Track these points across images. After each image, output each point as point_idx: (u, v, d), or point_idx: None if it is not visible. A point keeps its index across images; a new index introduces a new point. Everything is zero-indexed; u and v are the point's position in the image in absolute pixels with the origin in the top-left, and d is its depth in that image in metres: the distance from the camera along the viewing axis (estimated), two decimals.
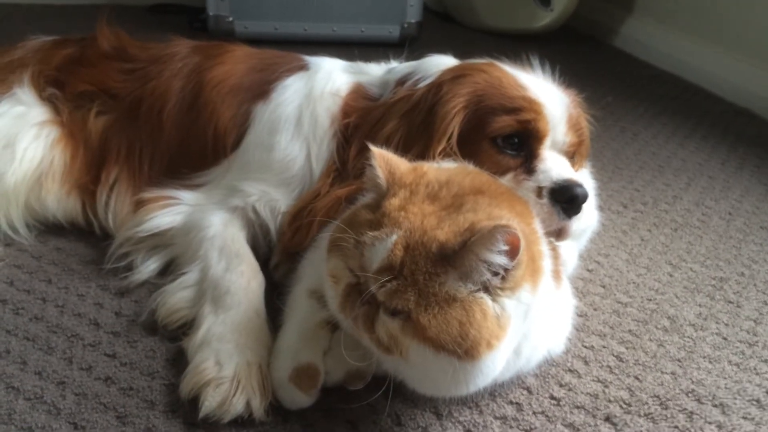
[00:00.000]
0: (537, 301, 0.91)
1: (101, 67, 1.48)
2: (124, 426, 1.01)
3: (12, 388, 1.06)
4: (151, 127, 1.42)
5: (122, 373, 1.10)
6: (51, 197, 1.41)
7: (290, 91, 1.38)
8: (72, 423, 1.01)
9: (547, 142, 1.19)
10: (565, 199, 1.12)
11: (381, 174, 0.92)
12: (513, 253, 0.82)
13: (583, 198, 1.12)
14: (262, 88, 1.40)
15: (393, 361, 0.92)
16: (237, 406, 1.00)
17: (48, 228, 1.45)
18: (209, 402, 1.00)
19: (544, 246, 0.98)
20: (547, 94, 1.20)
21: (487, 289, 0.85)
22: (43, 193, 1.40)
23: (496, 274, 0.84)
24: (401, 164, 0.96)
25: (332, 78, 1.39)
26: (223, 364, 1.05)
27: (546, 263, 0.96)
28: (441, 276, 0.83)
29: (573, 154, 1.23)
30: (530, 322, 0.93)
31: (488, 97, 1.18)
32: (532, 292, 0.90)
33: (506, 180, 1.14)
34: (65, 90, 1.46)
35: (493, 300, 0.85)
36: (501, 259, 0.82)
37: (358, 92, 1.38)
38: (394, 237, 0.85)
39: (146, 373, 1.10)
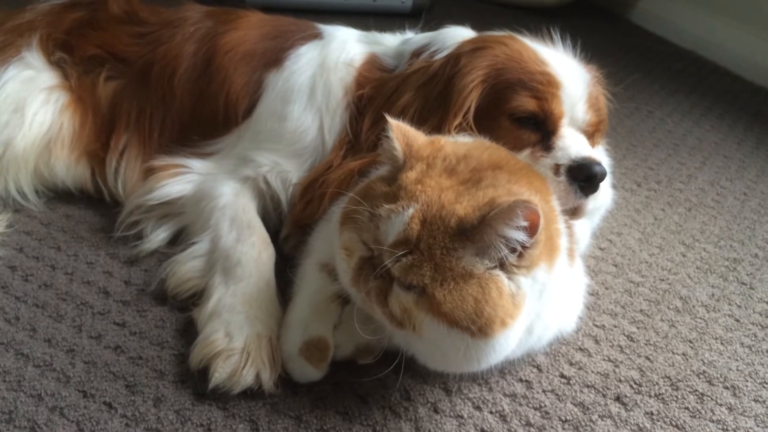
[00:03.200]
0: (552, 280, 0.90)
1: (111, 31, 1.45)
2: (134, 395, 1.00)
3: (21, 354, 1.06)
4: (161, 93, 1.40)
5: (132, 342, 1.10)
6: (60, 164, 1.39)
7: (304, 60, 1.36)
8: (81, 391, 1.00)
9: (565, 120, 1.16)
10: (583, 178, 1.10)
11: (398, 146, 0.91)
12: (532, 229, 0.81)
13: (602, 176, 1.11)
14: (275, 56, 1.37)
15: (405, 336, 0.91)
16: (247, 377, 1.00)
17: (57, 195, 1.44)
18: (219, 373, 1.00)
19: (561, 224, 0.97)
20: (568, 71, 1.18)
21: (503, 266, 0.84)
22: (52, 159, 1.38)
23: (513, 250, 0.83)
24: (418, 137, 0.94)
25: (346, 48, 1.36)
26: (234, 335, 1.05)
27: (563, 242, 0.95)
28: (458, 251, 0.82)
29: (593, 134, 1.21)
30: (545, 301, 0.92)
31: (508, 72, 1.15)
32: (548, 271, 0.89)
33: (523, 156, 1.12)
34: (74, 54, 1.44)
35: (509, 278, 0.84)
36: (519, 235, 0.81)
37: (373, 63, 1.35)
38: (411, 210, 0.84)
39: (156, 343, 1.10)
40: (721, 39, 2.75)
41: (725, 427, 1.07)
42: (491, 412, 1.05)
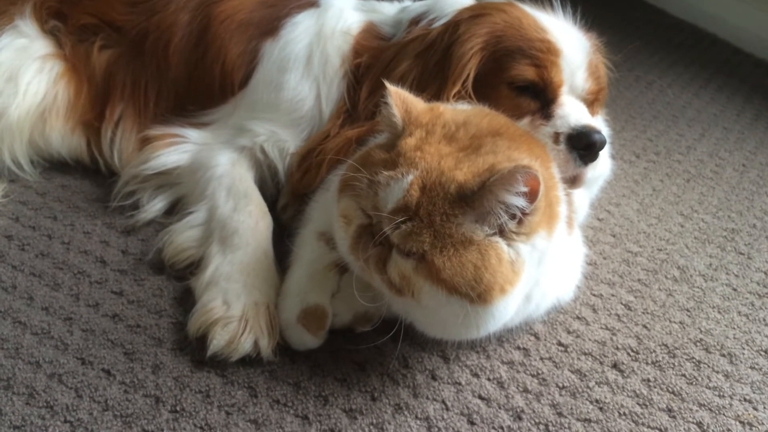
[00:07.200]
0: (551, 247, 0.90)
1: None
2: (132, 362, 1.01)
3: (19, 323, 1.05)
4: (156, 63, 1.38)
5: (129, 310, 1.10)
6: (55, 134, 1.38)
7: (300, 29, 1.34)
8: (80, 358, 1.01)
9: (565, 89, 1.16)
10: (583, 146, 1.09)
11: (397, 113, 0.90)
12: (532, 195, 0.80)
13: (601, 145, 1.10)
14: (271, 25, 1.35)
15: (404, 303, 0.91)
16: (245, 345, 1.00)
17: (53, 165, 1.42)
18: (217, 341, 1.00)
19: (560, 192, 0.96)
20: (568, 38, 1.16)
21: (503, 233, 0.83)
22: (47, 129, 1.37)
23: (513, 217, 0.82)
24: (417, 103, 0.94)
25: (343, 16, 1.34)
26: (231, 303, 1.05)
27: (562, 209, 0.95)
28: (458, 217, 0.82)
29: (592, 102, 1.20)
30: (543, 269, 0.92)
31: (507, 39, 1.14)
32: (548, 238, 0.89)
33: (523, 124, 1.12)
34: (68, 22, 1.41)
35: (509, 245, 0.84)
36: (519, 201, 0.81)
37: (370, 31, 1.33)
38: (410, 177, 0.83)
39: (153, 312, 1.10)
40: (722, 11, 2.72)
41: (721, 393, 1.08)
42: (489, 379, 1.05)
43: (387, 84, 0.93)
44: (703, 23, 2.79)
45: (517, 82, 1.14)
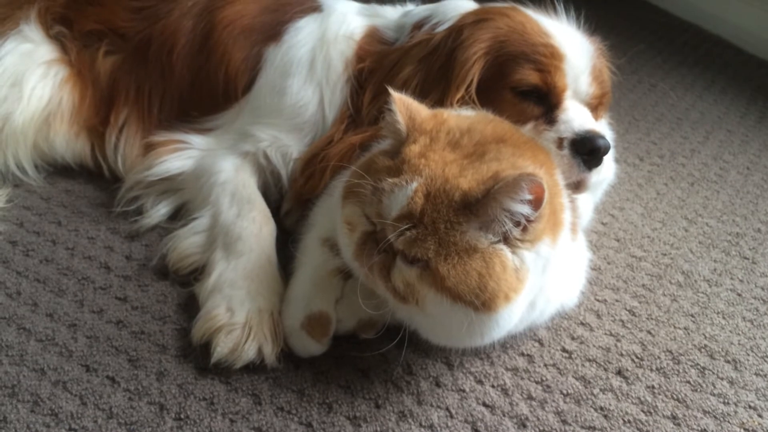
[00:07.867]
0: (555, 254, 0.90)
1: (109, 5, 1.43)
2: (136, 369, 1.01)
3: (23, 329, 1.05)
4: (160, 69, 1.38)
5: (133, 316, 1.10)
6: (59, 138, 1.38)
7: (303, 34, 1.34)
8: (84, 365, 1.01)
9: (569, 93, 1.15)
10: (587, 151, 1.09)
11: (401, 119, 0.90)
12: (537, 203, 0.80)
13: (605, 150, 1.10)
14: (274, 30, 1.35)
15: (407, 310, 0.91)
16: (249, 352, 1.01)
17: (56, 170, 1.42)
18: (221, 348, 1.00)
19: (565, 198, 0.96)
20: (571, 43, 1.16)
21: (507, 240, 0.83)
22: (51, 134, 1.37)
23: (517, 224, 0.82)
24: (421, 110, 0.93)
25: (346, 20, 1.34)
26: (235, 310, 1.05)
27: (566, 216, 0.95)
28: (463, 225, 0.81)
29: (596, 106, 1.20)
30: (547, 276, 0.92)
31: (510, 44, 1.14)
32: (552, 245, 0.88)
33: (526, 130, 1.11)
34: (73, 28, 1.42)
35: (513, 252, 0.84)
36: (524, 209, 0.80)
37: (373, 36, 1.33)
38: (415, 184, 0.83)
39: (158, 318, 1.10)
40: (725, 12, 2.71)
41: (726, 400, 1.08)
42: (493, 386, 1.05)
43: (390, 90, 0.93)
44: (707, 24, 2.79)
45: (520, 86, 1.14)
